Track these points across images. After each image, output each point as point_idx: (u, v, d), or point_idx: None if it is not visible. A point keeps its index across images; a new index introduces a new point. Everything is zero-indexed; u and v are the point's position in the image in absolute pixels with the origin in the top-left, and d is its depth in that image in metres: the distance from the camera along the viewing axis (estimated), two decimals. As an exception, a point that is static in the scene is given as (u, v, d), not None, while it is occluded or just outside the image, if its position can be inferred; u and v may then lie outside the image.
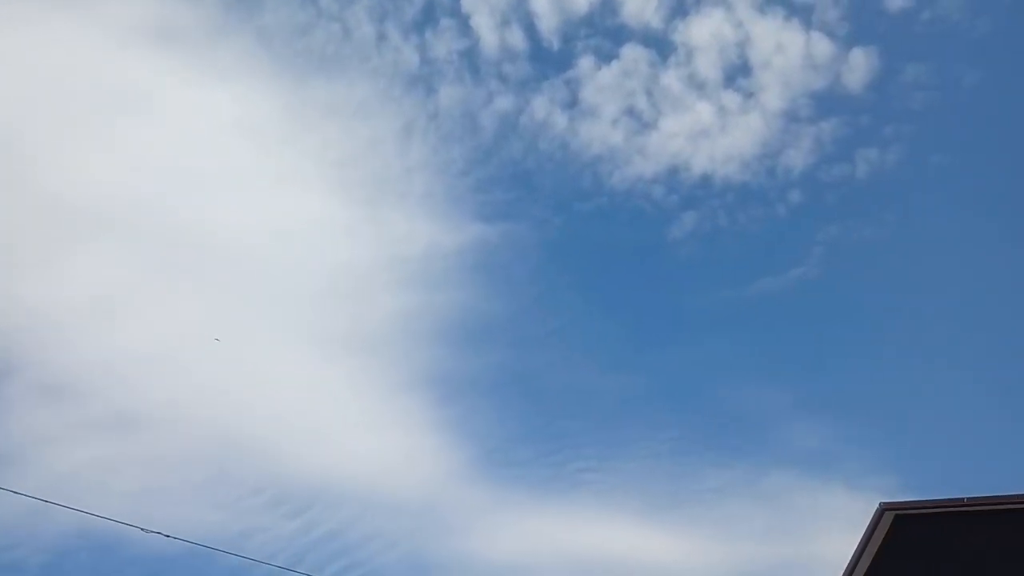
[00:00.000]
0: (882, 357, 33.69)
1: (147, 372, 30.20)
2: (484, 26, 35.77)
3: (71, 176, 31.81)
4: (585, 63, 35.71)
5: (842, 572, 14.80)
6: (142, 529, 13.40)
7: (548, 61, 35.95)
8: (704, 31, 35.12)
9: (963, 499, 13.28)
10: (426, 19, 36.05)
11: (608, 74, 35.54)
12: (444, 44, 36.03)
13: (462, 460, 32.29)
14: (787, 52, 34.55)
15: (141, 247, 32.26)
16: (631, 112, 35.49)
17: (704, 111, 35.14)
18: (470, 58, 36.02)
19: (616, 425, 33.61)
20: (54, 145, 32.13)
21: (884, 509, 14.40)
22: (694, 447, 32.57)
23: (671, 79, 35.43)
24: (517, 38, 35.80)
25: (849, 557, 14.73)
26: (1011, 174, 33.51)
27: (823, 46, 34.28)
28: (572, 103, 35.71)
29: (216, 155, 34.37)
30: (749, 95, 34.89)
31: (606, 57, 35.55)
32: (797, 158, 34.36)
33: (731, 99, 35.02)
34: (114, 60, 33.56)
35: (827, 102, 34.28)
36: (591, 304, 35.56)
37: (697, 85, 35.29)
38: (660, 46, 35.34)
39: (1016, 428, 30.47)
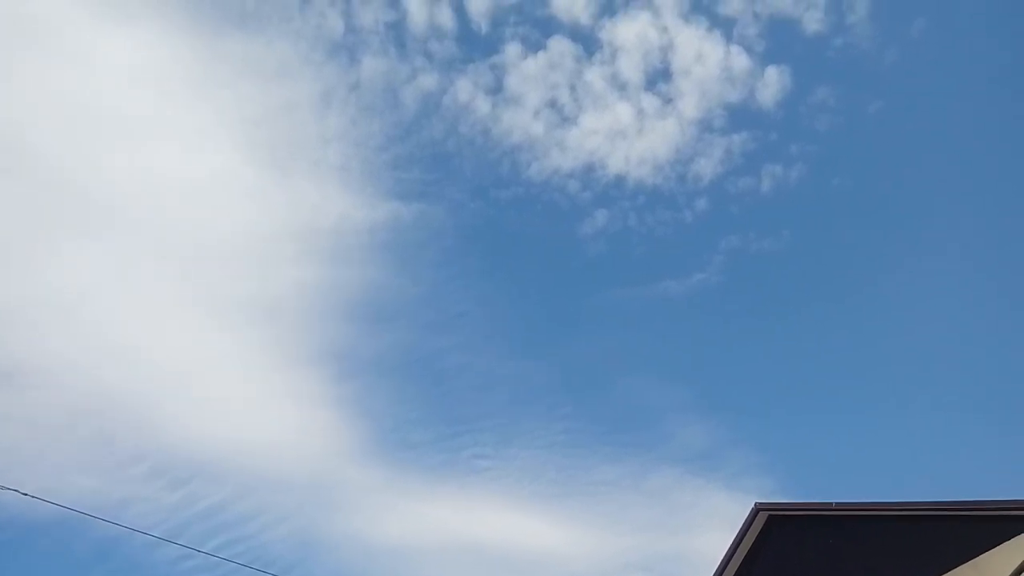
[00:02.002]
0: (772, 364, 35.21)
1: (26, 324, 28.58)
2: (414, 1, 35.26)
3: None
4: (512, 50, 35.69)
5: (717, 566, 15.42)
6: (20, 492, 12.63)
7: (475, 44, 35.74)
8: (630, 32, 35.65)
9: (831, 503, 14.00)
10: (354, -13, 35.18)
11: (534, 64, 35.64)
12: (371, 14, 35.28)
13: (356, 439, 31.96)
14: (707, 62, 35.47)
15: (26, 189, 30.41)
16: (553, 105, 35.72)
17: (624, 112, 35.72)
18: (397, 32, 35.41)
19: (515, 413, 33.96)
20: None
21: (758, 509, 15.04)
22: (589, 440, 33.25)
23: (595, 76, 35.83)
24: (446, 17, 35.41)
25: (724, 552, 15.35)
26: (904, 201, 35.50)
27: (741, 60, 35.35)
28: (496, 89, 35.65)
29: (120, 100, 32.65)
30: (668, 100, 35.66)
31: (533, 47, 35.63)
32: (707, 167, 35.38)
33: (650, 102, 35.71)
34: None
35: (740, 115, 35.41)
36: (499, 291, 35.77)
37: (619, 85, 35.81)
38: (586, 42, 35.66)
39: (890, 439, 32.41)
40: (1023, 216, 33.89)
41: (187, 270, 32.04)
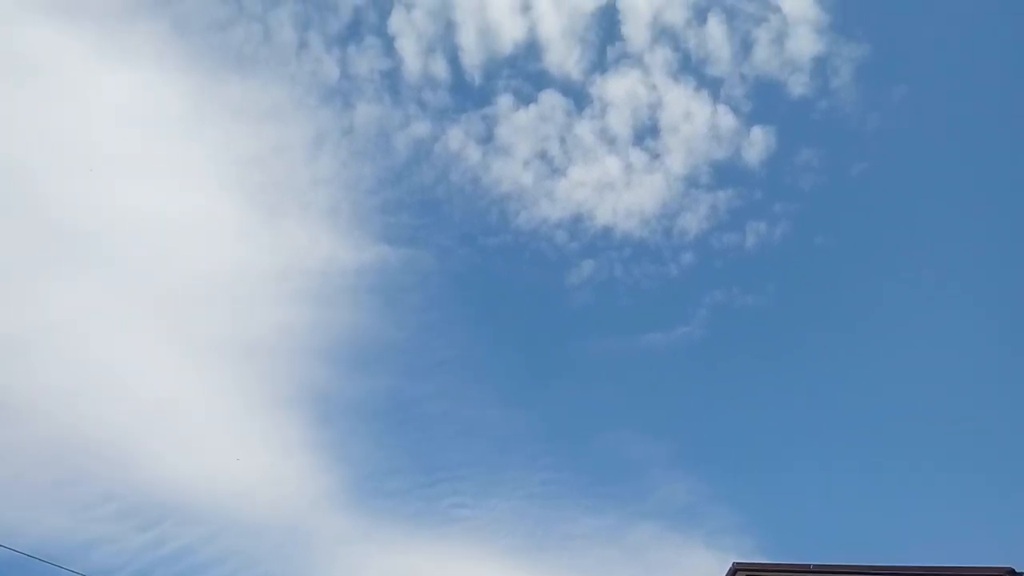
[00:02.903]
0: (754, 421, 35.07)
1: (8, 359, 28.19)
2: (409, 50, 35.85)
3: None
4: (504, 102, 36.24)
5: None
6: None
7: (468, 94, 36.28)
8: (620, 89, 36.37)
9: (809, 565, 13.86)
10: (351, 34, 35.84)
11: (525, 116, 36.19)
12: (366, 62, 35.84)
13: (333, 485, 31.43)
14: (694, 120, 36.13)
15: (10, 223, 30.30)
16: (543, 156, 36.18)
17: (612, 165, 36.21)
18: (391, 80, 35.94)
19: (495, 462, 33.53)
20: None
21: (736, 568, 14.87)
22: (569, 491, 32.82)
23: (584, 130, 36.40)
24: (440, 67, 36.02)
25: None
26: (886, 260, 35.94)
27: (727, 119, 36.03)
28: (487, 138, 36.10)
29: (111, 138, 32.83)
30: (655, 156, 36.20)
31: (525, 99, 36.22)
32: (693, 222, 35.75)
33: (638, 157, 36.24)
34: (15, 23, 31.80)
35: (725, 173, 35.93)
36: (484, 339, 35.66)
37: (608, 139, 36.38)
38: (577, 97, 36.31)
39: (872, 499, 32.19)
40: (1004, 274, 34.37)
41: (169, 308, 31.88)
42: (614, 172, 36.06)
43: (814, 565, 13.76)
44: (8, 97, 31.66)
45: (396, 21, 35.77)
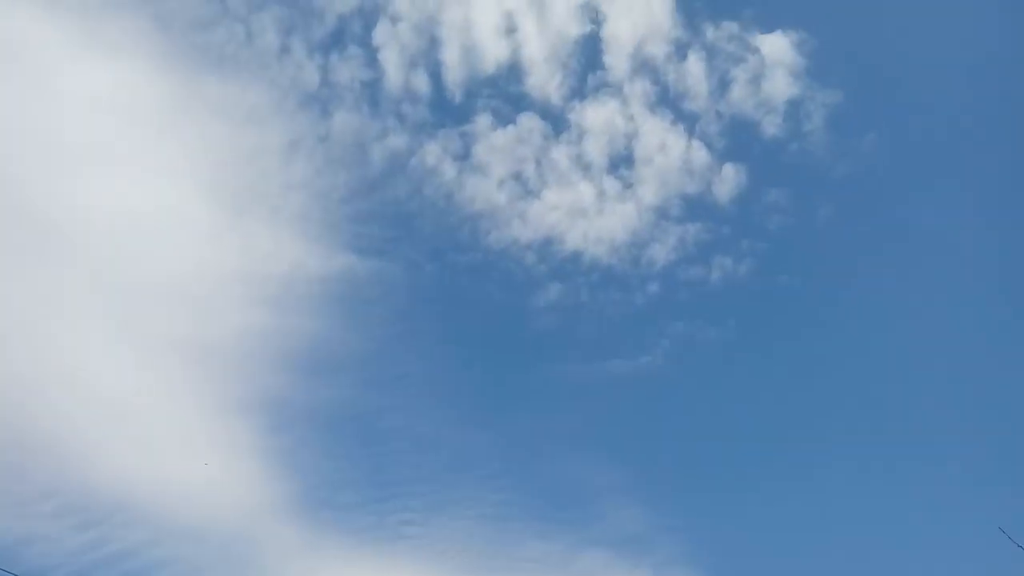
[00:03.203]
0: (710, 453, 35.22)
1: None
2: (391, 62, 36.01)
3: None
4: (483, 121, 36.49)
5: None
6: None
7: (447, 111, 36.48)
8: (598, 117, 36.87)
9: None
10: (334, 42, 35.93)
11: (503, 136, 36.45)
12: (348, 71, 35.90)
13: (283, 494, 30.84)
14: (669, 153, 36.68)
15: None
16: (518, 177, 36.42)
17: (586, 191, 36.57)
18: (371, 90, 36.03)
19: (449, 481, 33.18)
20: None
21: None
22: (522, 515, 32.55)
23: (560, 154, 36.75)
24: (422, 82, 36.20)
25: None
26: (846, 306, 36.58)
27: (701, 155, 36.63)
28: (464, 156, 36.27)
29: (83, 129, 32.41)
30: (628, 185, 36.63)
31: (503, 120, 36.52)
32: (661, 253, 36.11)
33: (612, 185, 36.64)
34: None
35: (696, 207, 36.45)
36: (447, 356, 35.40)
37: (583, 165, 36.76)
38: (555, 121, 36.72)
39: (824, 537, 32.41)
40: (965, 320, 35.09)
41: (128, 304, 31.30)
42: (587, 198, 36.44)
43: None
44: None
45: (380, 33, 36.03)
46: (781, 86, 36.57)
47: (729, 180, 36.36)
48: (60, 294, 30.32)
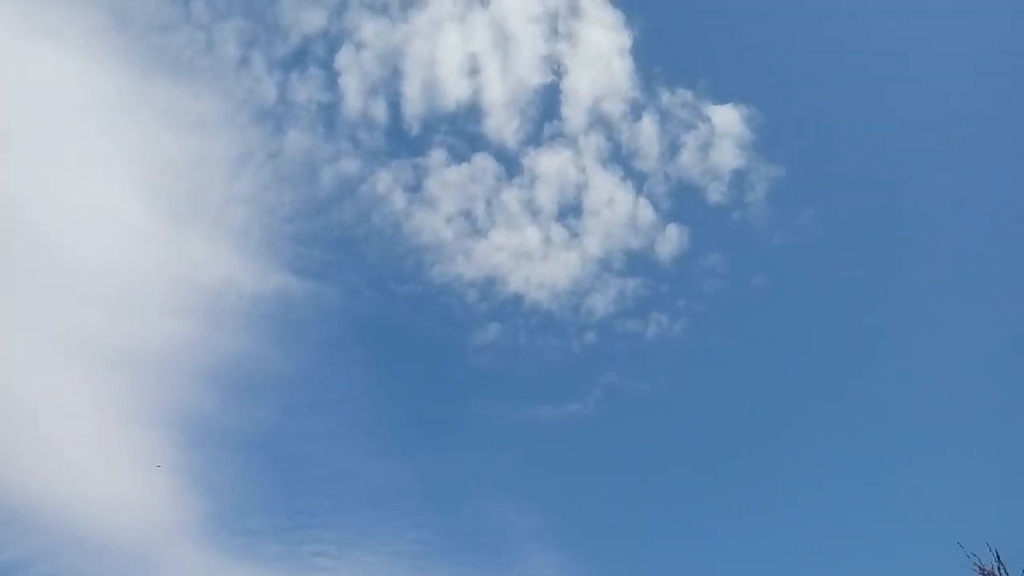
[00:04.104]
0: (630, 504, 35.56)
1: None
2: (351, 87, 35.98)
3: None
4: (437, 155, 36.69)
5: None
6: None
7: (403, 142, 36.58)
8: (552, 164, 37.56)
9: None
10: (295, 61, 35.75)
11: (456, 173, 36.71)
12: (307, 90, 35.71)
13: (192, 514, 29.67)
14: (616, 208, 37.54)
15: None
16: (468, 215, 36.64)
17: (533, 235, 37.03)
18: (328, 113, 35.87)
19: (366, 514, 32.53)
20: None
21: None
22: (438, 553, 32.09)
23: (511, 197, 37.19)
24: (380, 110, 36.26)
25: None
26: (773, 371, 37.80)
27: (647, 213, 37.62)
28: (415, 188, 36.31)
29: (30, 121, 31.19)
30: (575, 234, 37.28)
31: (459, 157, 36.81)
32: (600, 303, 36.72)
33: (559, 232, 37.21)
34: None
35: (638, 262, 37.31)
36: (378, 385, 35.00)
37: (533, 210, 37.26)
38: (509, 164, 37.24)
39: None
40: (891, 390, 36.53)
41: (53, 303, 29.92)
42: (533, 242, 36.90)
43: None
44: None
45: (344, 57, 36.05)
46: (728, 156, 38.06)
47: (672, 240, 37.45)
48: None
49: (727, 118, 38.31)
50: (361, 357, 35.35)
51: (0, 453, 26.76)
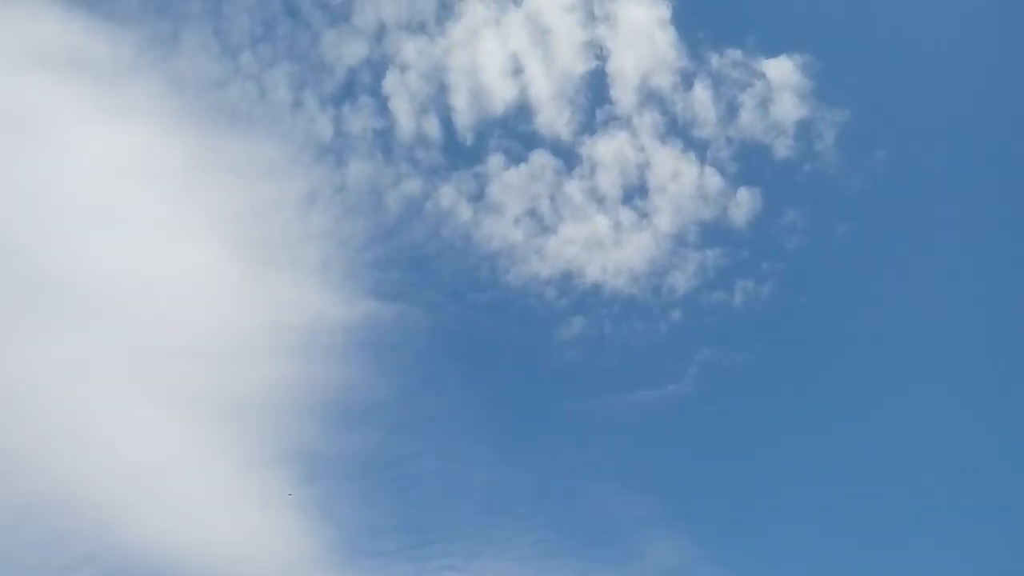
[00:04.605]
0: (743, 479, 34.93)
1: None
2: (402, 110, 36.56)
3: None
4: (495, 161, 36.90)
5: None
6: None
7: (460, 153, 36.94)
8: (609, 150, 37.28)
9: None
10: (345, 94, 36.54)
11: (516, 175, 36.82)
12: (360, 120, 36.45)
13: (319, 546, 30.62)
14: (681, 180, 36.98)
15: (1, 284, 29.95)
16: (533, 214, 36.72)
17: (601, 223, 36.81)
18: (384, 138, 36.54)
19: (485, 523, 32.93)
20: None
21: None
22: (560, 552, 32.23)
23: (574, 189, 37.08)
24: (433, 127, 36.72)
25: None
26: (870, 321, 36.51)
27: (714, 180, 36.94)
28: (478, 196, 36.62)
29: (105, 193, 32.78)
30: (644, 215, 36.88)
31: (516, 159, 36.94)
32: (681, 280, 36.23)
33: (627, 216, 36.89)
34: (9, 74, 32.00)
35: (713, 232, 36.66)
36: (474, 395, 35.35)
37: (597, 198, 37.06)
38: (567, 157, 37.15)
39: (860, 559, 32.01)
40: (988, 325, 34.94)
41: (158, 364, 31.36)
42: (603, 230, 36.69)
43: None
44: (4, 152, 31.68)
45: (390, 82, 36.65)
46: (789, 108, 37.00)
47: (744, 204, 36.64)
48: (88, 360, 30.44)
49: (782, 70, 37.31)
50: (453, 370, 35.84)
51: (134, 514, 28.23)
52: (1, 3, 32.45)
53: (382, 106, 36.50)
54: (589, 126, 37.36)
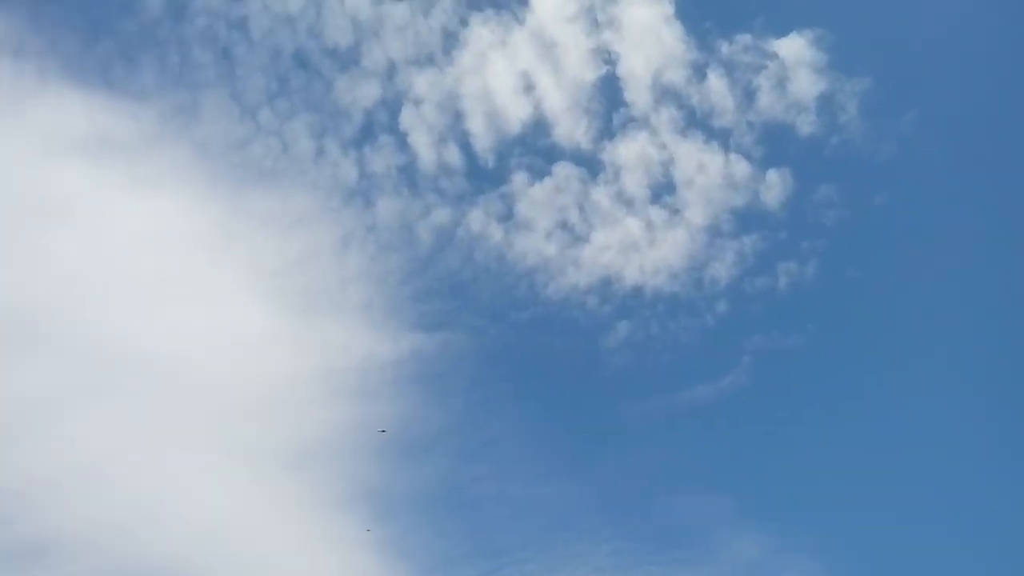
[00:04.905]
0: (812, 463, 34.35)
1: (63, 495, 28.42)
2: (421, 143, 36.99)
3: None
4: (519, 179, 37.09)
5: None
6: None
7: (483, 177, 37.21)
8: (631, 151, 37.23)
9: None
10: (364, 136, 37.10)
11: (541, 190, 36.97)
12: (383, 159, 36.97)
13: (400, 581, 30.93)
14: (708, 172, 36.74)
15: (63, 362, 30.92)
16: (564, 225, 36.80)
17: (633, 225, 36.73)
18: (408, 173, 36.99)
19: (556, 537, 32.91)
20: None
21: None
22: (637, 560, 32.06)
23: (601, 195, 37.08)
24: (453, 155, 37.08)
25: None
26: (918, 287, 35.77)
27: (741, 167, 36.62)
28: (507, 216, 36.84)
29: (148, 265, 33.70)
30: (675, 211, 36.72)
31: (539, 174, 37.09)
32: (722, 270, 35.94)
33: (658, 214, 36.76)
34: (41, 169, 33.09)
35: (747, 218, 36.32)
36: (527, 413, 35.45)
37: (625, 201, 37.00)
38: (590, 164, 37.19)
39: (943, 531, 31.27)
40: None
41: (223, 423, 32.07)
42: (636, 232, 36.60)
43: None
44: (43, 237, 32.76)
45: (406, 118, 37.14)
46: (807, 84, 36.58)
47: (775, 186, 36.26)
48: (157, 428, 31.26)
49: (794, 48, 36.92)
50: (504, 391, 35.96)
51: (214, 572, 28.83)
52: (26, 94, 33.60)
53: (402, 142, 36.99)
54: (607, 131, 37.39)
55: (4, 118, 32.14)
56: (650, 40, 37.17)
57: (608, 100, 37.52)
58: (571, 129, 37.16)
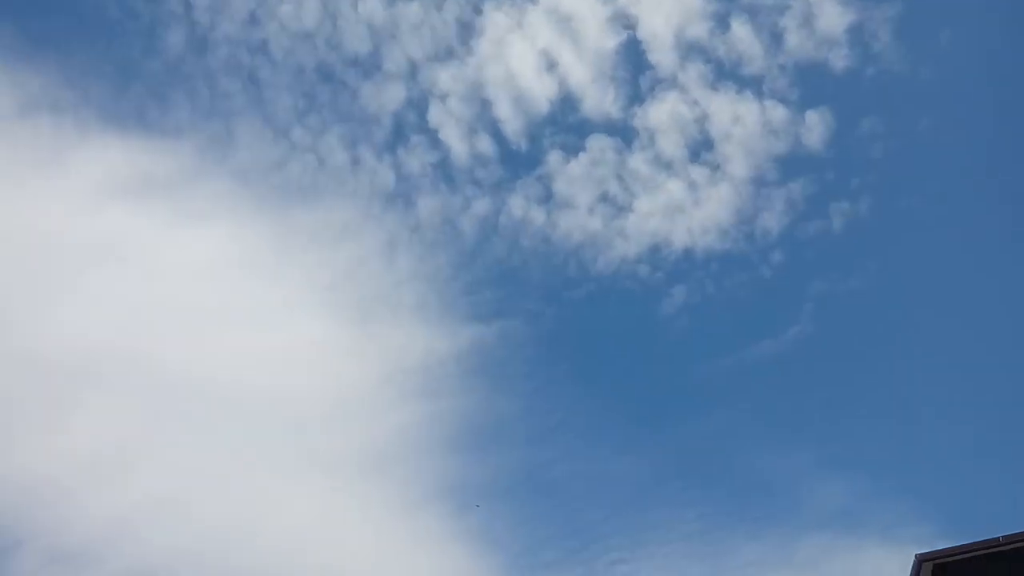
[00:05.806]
0: (888, 405, 33.59)
1: (157, 523, 29.71)
2: (453, 137, 37.12)
3: (50, 334, 32.07)
4: (554, 158, 36.92)
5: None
6: None
7: (518, 161, 37.16)
8: (663, 113, 36.58)
9: (998, 539, 13.06)
10: (396, 139, 37.45)
11: (577, 166, 36.71)
12: (417, 159, 37.27)
13: (492, 569, 31.47)
14: (745, 122, 35.89)
15: (134, 400, 32.27)
16: (605, 198, 36.48)
17: (675, 188, 36.17)
18: (443, 169, 37.22)
19: (639, 510, 33.02)
20: (31, 305, 32.49)
21: (921, 560, 14.09)
22: (723, 522, 31.94)
23: (638, 162, 36.60)
24: (485, 144, 37.10)
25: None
26: (975, 211, 34.44)
27: (778, 112, 35.66)
28: (547, 197, 36.72)
29: (203, 295, 34.81)
30: (715, 167, 36.02)
31: (573, 150, 36.82)
32: (772, 220, 35.18)
33: (699, 173, 36.11)
34: (89, 216, 34.39)
35: (791, 164, 35.42)
36: (592, 390, 35.58)
37: (664, 165, 36.44)
38: (623, 133, 36.70)
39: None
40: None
41: (294, 440, 33.07)
42: (679, 194, 36.06)
43: (1004, 537, 12.97)
44: (99, 280, 34.07)
45: (435, 114, 37.27)
46: (835, 18, 35.34)
47: (815, 127, 35.24)
48: (245, 447, 32.41)
49: (816, -19, 35.67)
50: (566, 371, 36.12)
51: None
52: (67, 145, 34.83)
53: (433, 139, 37.20)
54: (636, 97, 36.85)
55: (50, 171, 33.40)
56: (666, -2, 36.48)
57: (633, 65, 36.97)
58: (599, 100, 36.78)
